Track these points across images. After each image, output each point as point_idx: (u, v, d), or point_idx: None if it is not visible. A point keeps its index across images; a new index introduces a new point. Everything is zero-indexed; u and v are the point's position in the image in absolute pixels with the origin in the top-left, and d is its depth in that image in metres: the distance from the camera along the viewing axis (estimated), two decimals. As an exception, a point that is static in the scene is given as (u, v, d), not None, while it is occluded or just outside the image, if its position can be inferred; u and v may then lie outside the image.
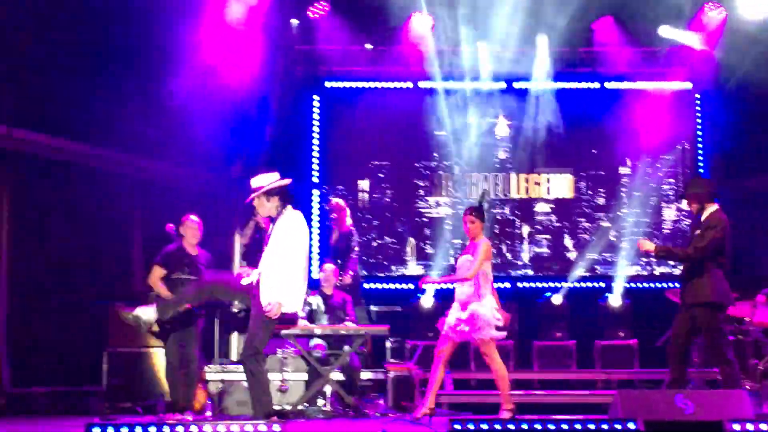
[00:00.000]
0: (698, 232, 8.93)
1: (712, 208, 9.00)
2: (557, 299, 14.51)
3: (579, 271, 14.94)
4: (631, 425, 7.39)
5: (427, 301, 14.36)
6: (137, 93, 13.15)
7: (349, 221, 12.72)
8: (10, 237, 12.57)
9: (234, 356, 12.39)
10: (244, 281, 8.39)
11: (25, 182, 12.77)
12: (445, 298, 14.42)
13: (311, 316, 11.34)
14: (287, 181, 8.61)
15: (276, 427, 6.57)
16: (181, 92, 12.80)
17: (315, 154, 15.33)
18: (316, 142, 15.38)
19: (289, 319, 9.81)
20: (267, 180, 8.55)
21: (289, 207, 8.60)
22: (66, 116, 12.74)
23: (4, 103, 12.18)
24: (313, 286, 11.91)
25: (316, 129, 15.41)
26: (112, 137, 13.26)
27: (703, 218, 8.97)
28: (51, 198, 12.96)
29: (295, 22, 14.87)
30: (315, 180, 15.24)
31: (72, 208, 13.09)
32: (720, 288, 8.79)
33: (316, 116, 15.44)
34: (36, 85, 12.34)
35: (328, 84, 15.44)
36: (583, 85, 15.36)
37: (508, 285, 14.88)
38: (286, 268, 8.35)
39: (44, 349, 12.51)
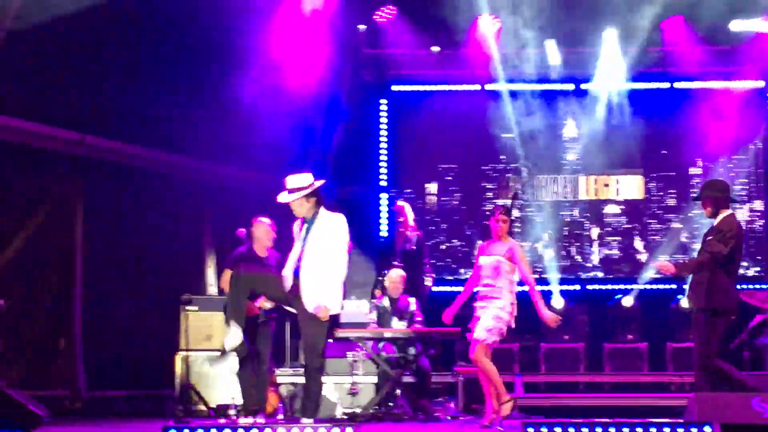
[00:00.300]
0: (710, 237, 8.70)
1: (726, 212, 8.77)
2: (628, 301, 14.38)
3: (650, 272, 14.78)
4: (707, 429, 7.29)
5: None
6: (208, 99, 13.28)
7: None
8: (84, 242, 12.79)
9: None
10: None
11: (98, 188, 12.97)
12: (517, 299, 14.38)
13: (380, 319, 11.36)
14: (323, 182, 8.57)
15: (349, 429, 6.60)
16: (250, 97, 12.91)
17: (383, 157, 15.37)
18: (383, 145, 15.41)
19: (333, 321, 9.85)
20: (305, 181, 8.46)
21: (323, 208, 8.53)
22: (136, 123, 12.93)
23: (77, 111, 12.38)
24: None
25: (383, 133, 15.44)
26: (182, 143, 13.42)
27: (716, 223, 8.75)
28: (123, 203, 13.16)
29: (362, 27, 14.91)
30: (383, 184, 15.27)
31: (143, 213, 13.28)
32: (719, 294, 8.52)
33: (383, 120, 15.47)
34: (108, 92, 12.51)
35: (395, 88, 15.47)
36: (653, 85, 15.19)
37: (577, 287, 14.78)
38: (331, 270, 8.37)
39: (118, 353, 12.69)
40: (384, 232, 14.96)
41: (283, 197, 8.46)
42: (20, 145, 12.16)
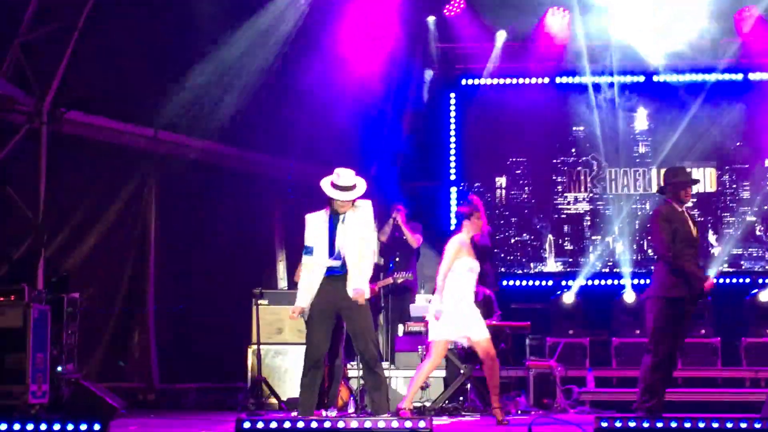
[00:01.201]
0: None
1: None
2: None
3: (723, 266, 14.59)
4: (784, 424, 7.18)
5: (568, 297, 14.21)
6: (278, 94, 13.37)
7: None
8: (157, 236, 12.96)
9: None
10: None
11: (171, 183, 13.13)
12: (585, 295, 14.32)
13: None
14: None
15: (422, 423, 6.59)
16: (319, 92, 12.99)
17: (452, 151, 15.34)
18: (452, 139, 15.38)
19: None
20: (356, 180, 8.49)
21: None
22: (208, 119, 13.06)
23: (152, 108, 12.54)
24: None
25: (452, 126, 15.41)
26: (253, 138, 13.53)
27: None
28: (196, 198, 13.31)
29: (431, 19, 14.89)
30: (452, 178, 15.24)
31: (215, 208, 13.41)
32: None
33: (452, 114, 15.44)
34: (179, 88, 12.65)
35: (464, 81, 15.43)
36: (726, 76, 14.96)
37: (648, 281, 14.59)
38: (369, 256, 8.50)
39: (191, 346, 12.85)
40: (454, 226, 14.89)
41: (342, 195, 8.44)
42: (95, 141, 12.35)
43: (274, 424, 6.12)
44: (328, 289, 8.45)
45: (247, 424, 6.13)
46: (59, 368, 9.90)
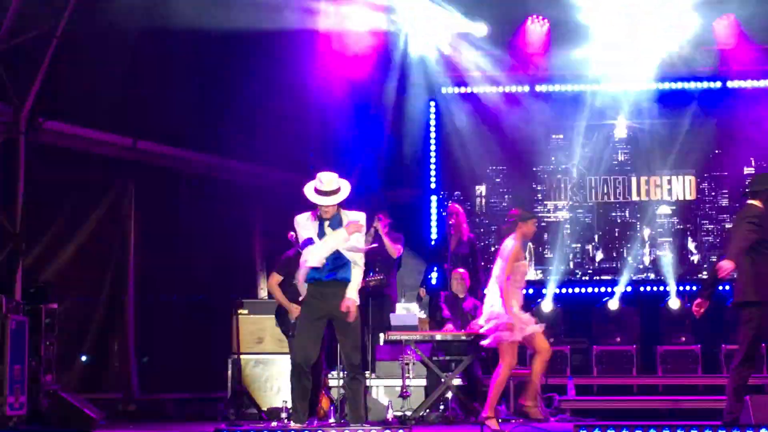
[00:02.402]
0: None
1: None
2: (675, 303, 14.19)
3: (702, 274, 14.64)
4: (764, 431, 7.22)
5: (546, 306, 14.23)
6: (257, 103, 13.35)
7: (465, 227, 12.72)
8: (136, 245, 12.91)
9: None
10: None
11: (150, 192, 13.10)
12: (564, 302, 14.34)
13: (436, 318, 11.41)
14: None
15: (401, 432, 6.60)
16: (299, 102, 12.98)
17: (432, 159, 15.34)
18: (432, 147, 15.38)
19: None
20: (345, 185, 8.54)
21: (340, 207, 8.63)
22: (186, 127, 13.03)
23: (130, 116, 12.50)
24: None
25: (432, 134, 15.41)
26: (230, 147, 13.51)
27: None
28: (175, 207, 13.27)
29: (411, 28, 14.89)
30: (432, 186, 15.24)
31: (195, 217, 13.38)
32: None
33: (432, 122, 15.44)
34: (158, 96, 12.62)
35: (444, 90, 15.42)
36: (704, 84, 15.03)
37: (629, 288, 14.64)
38: (361, 267, 8.59)
39: (171, 356, 12.80)
40: (434, 234, 14.92)
41: (325, 200, 8.45)
42: (74, 151, 12.30)
43: (252, 435, 6.12)
44: (316, 295, 8.46)
45: (225, 435, 6.13)
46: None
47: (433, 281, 13.49)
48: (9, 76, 11.24)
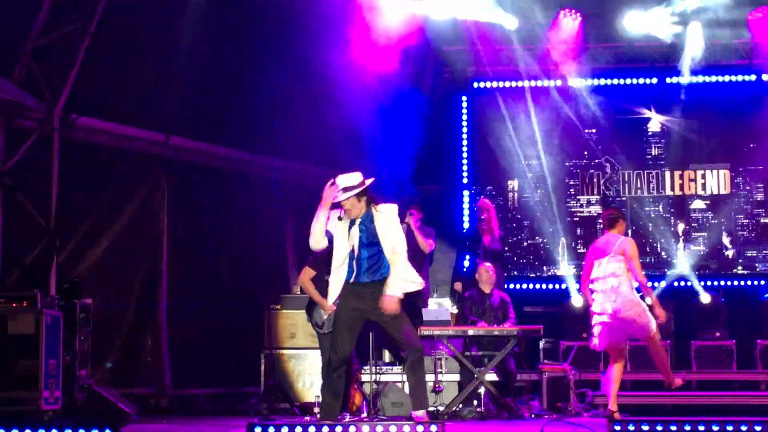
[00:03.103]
0: None
1: None
2: (705, 298, 14.06)
3: (737, 269, 14.52)
4: (800, 427, 7.14)
5: (576, 300, 14.15)
6: (289, 98, 13.36)
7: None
8: (169, 241, 12.95)
9: (387, 358, 12.47)
10: None
11: (183, 188, 13.13)
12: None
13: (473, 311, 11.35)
14: (372, 180, 8.47)
15: (433, 428, 6.57)
16: (331, 96, 12.95)
17: (464, 154, 15.30)
18: (465, 142, 15.34)
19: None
20: (356, 180, 8.34)
21: (373, 205, 8.41)
22: (218, 123, 13.06)
23: (162, 113, 12.54)
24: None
25: (464, 130, 15.37)
26: (263, 142, 13.52)
27: None
28: (207, 203, 13.30)
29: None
30: (465, 181, 15.20)
31: (228, 213, 13.41)
32: None
33: (464, 117, 15.40)
34: (191, 93, 12.65)
35: (476, 84, 15.38)
36: (739, 77, 14.89)
37: (663, 284, 14.55)
38: (402, 261, 8.33)
39: (204, 351, 12.84)
40: (466, 230, 14.88)
41: (344, 196, 8.36)
42: (106, 147, 12.36)
43: (285, 429, 6.13)
44: (353, 295, 8.38)
45: (258, 429, 6.14)
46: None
47: (465, 268, 13.34)
48: (42, 73, 11.32)
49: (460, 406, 10.49)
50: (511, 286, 13.93)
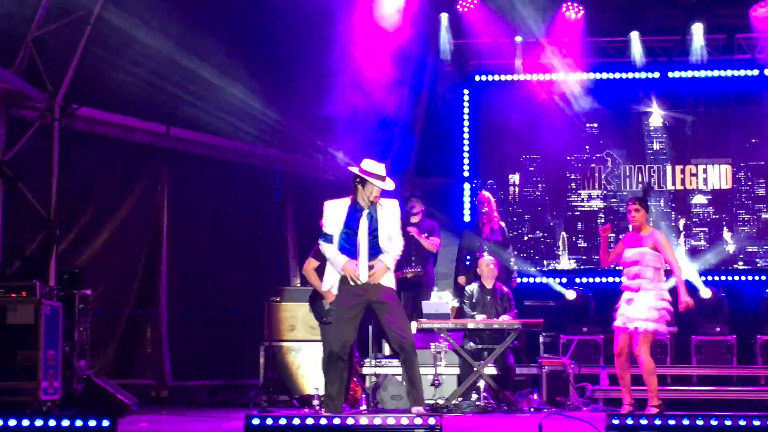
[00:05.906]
0: None
1: None
2: (706, 293, 14.01)
3: (738, 264, 14.51)
4: (799, 422, 7.11)
5: (570, 294, 14.12)
6: (289, 90, 13.35)
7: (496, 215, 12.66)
8: (169, 232, 12.94)
9: (387, 351, 12.47)
10: None
11: (183, 179, 13.12)
12: (596, 291, 14.23)
13: (472, 306, 11.31)
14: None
15: (432, 420, 6.55)
16: (331, 88, 12.94)
17: (465, 148, 15.27)
18: (466, 136, 15.32)
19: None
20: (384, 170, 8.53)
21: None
22: (219, 114, 13.04)
23: (163, 104, 12.52)
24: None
25: (466, 123, 15.35)
26: (264, 134, 13.51)
27: None
28: (208, 194, 13.29)
29: (444, 16, 14.84)
30: (466, 174, 15.18)
31: (228, 204, 13.40)
32: None
33: (466, 110, 15.38)
34: (191, 84, 12.63)
35: (478, 78, 15.35)
36: (741, 72, 14.86)
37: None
38: (398, 253, 8.55)
39: (203, 343, 12.83)
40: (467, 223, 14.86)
41: (388, 184, 8.44)
42: (107, 137, 12.34)
43: (282, 421, 6.10)
44: (352, 284, 8.42)
45: (255, 421, 6.12)
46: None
47: (468, 261, 13.31)
48: (43, 62, 11.28)
49: (460, 399, 10.47)
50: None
